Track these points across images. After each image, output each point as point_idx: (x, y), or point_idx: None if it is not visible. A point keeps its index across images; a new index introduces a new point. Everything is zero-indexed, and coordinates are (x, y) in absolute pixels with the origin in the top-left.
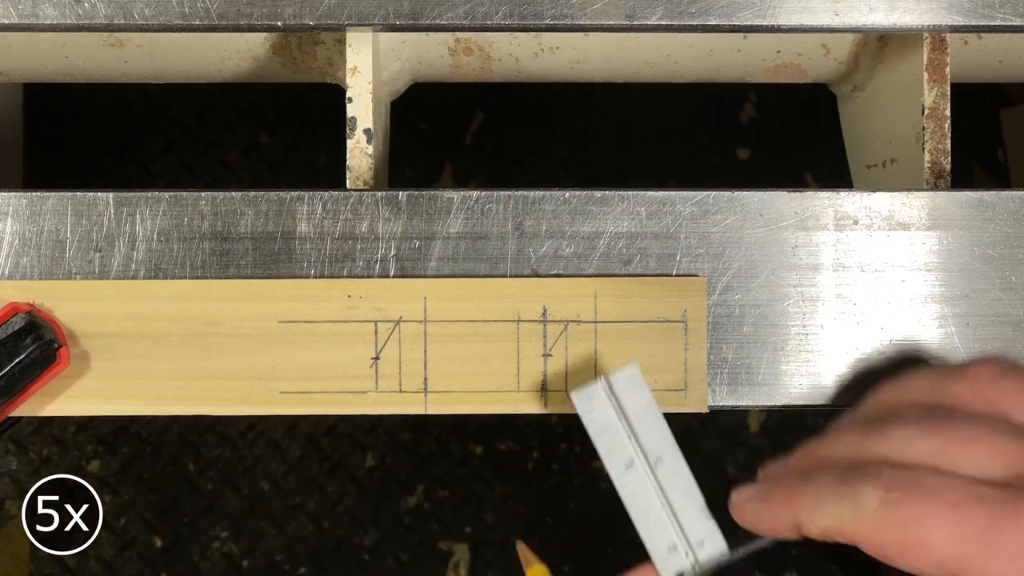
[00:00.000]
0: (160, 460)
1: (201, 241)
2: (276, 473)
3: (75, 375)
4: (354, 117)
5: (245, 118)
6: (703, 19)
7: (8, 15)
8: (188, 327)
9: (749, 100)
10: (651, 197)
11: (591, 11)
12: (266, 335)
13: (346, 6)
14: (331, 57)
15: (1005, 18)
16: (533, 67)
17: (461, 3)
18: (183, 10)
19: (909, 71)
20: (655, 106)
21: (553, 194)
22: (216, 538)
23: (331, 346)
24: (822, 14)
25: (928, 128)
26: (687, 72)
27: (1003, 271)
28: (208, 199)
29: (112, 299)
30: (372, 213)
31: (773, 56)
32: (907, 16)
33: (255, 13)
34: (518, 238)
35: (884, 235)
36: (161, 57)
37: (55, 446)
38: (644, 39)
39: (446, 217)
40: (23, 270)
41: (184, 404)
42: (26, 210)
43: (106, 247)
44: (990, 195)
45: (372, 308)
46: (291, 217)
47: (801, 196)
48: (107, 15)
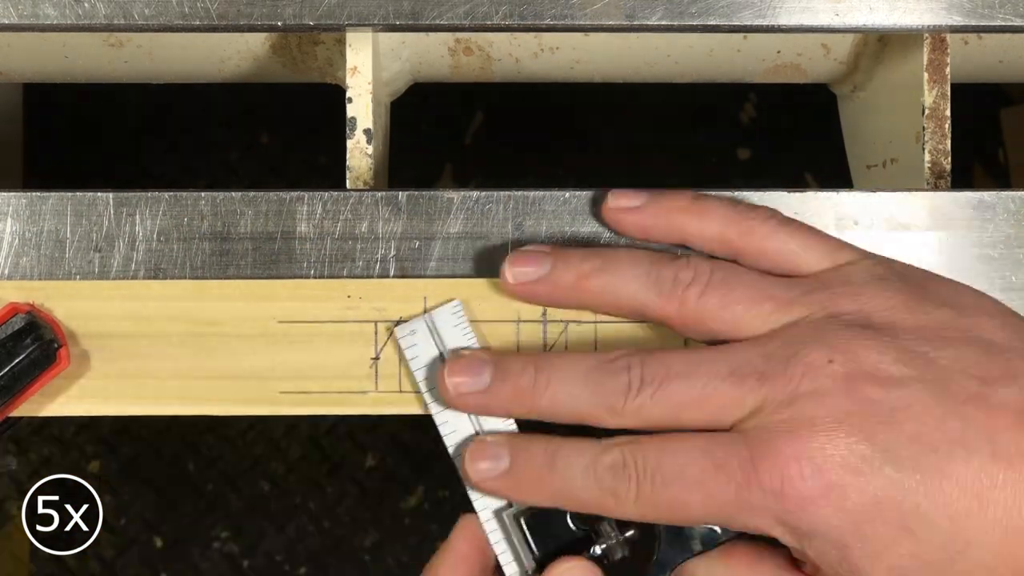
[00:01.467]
0: (160, 460)
1: (201, 241)
2: (276, 473)
3: (75, 375)
4: (354, 117)
5: (245, 118)
6: (703, 19)
7: (8, 15)
8: (188, 327)
9: (749, 100)
10: None
11: (591, 11)
12: (266, 335)
13: (346, 6)
14: (331, 57)
15: (1005, 18)
16: (533, 67)
17: (461, 3)
18: (183, 10)
19: (909, 71)
20: (655, 106)
21: (553, 194)
22: (216, 538)
23: (331, 346)
24: (822, 14)
25: (928, 128)
26: (687, 72)
27: (1003, 271)
28: (208, 199)
29: (112, 299)
30: (372, 213)
31: (773, 56)
32: (907, 16)
33: (255, 13)
34: (518, 238)
35: (884, 235)
36: (161, 57)
37: (55, 446)
38: (644, 39)
39: (446, 217)
40: (23, 270)
41: (184, 404)
42: (26, 210)
43: (106, 247)
44: (990, 195)
45: (372, 308)
46: (291, 217)
47: (801, 196)
48: (107, 15)
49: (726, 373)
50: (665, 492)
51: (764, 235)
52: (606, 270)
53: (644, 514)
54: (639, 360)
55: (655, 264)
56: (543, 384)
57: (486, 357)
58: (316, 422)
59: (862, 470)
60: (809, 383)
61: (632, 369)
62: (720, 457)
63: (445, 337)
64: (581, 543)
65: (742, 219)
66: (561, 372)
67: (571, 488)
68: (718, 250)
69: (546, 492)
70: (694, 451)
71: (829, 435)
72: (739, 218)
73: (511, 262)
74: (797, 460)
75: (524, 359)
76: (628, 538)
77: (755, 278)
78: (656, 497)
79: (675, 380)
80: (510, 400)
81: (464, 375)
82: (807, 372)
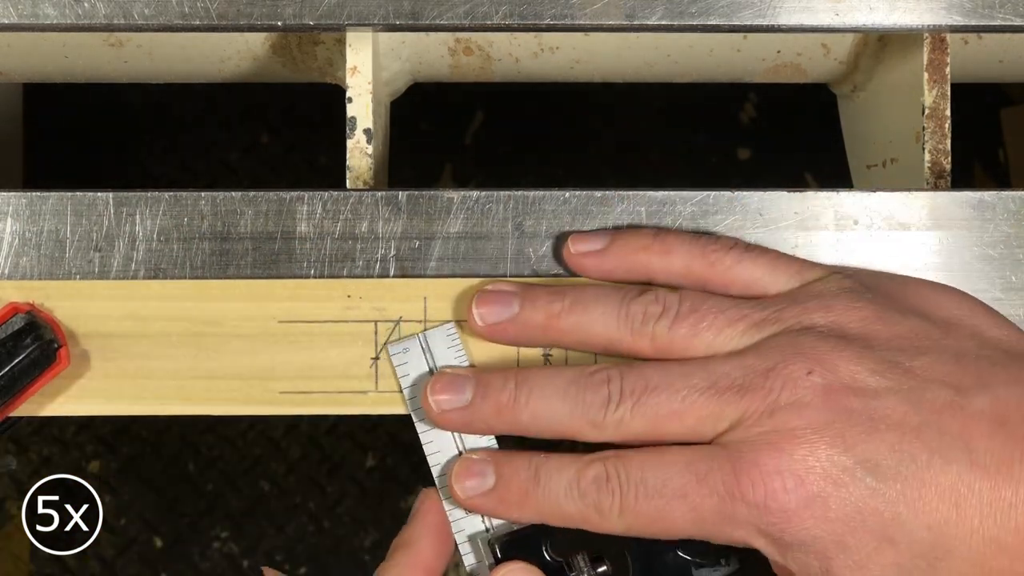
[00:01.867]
0: (160, 460)
1: (201, 241)
2: (276, 473)
3: (75, 375)
4: (354, 117)
5: (245, 118)
6: (703, 19)
7: (8, 15)
8: (188, 327)
9: (749, 100)
10: (651, 197)
11: (591, 11)
12: (266, 335)
13: (346, 6)
14: (331, 57)
15: (1005, 18)
16: (533, 67)
17: (461, 3)
18: (183, 10)
19: (909, 71)
20: (655, 106)
21: (553, 194)
22: (216, 538)
23: (331, 346)
24: (822, 14)
25: (928, 128)
26: (687, 72)
27: (1003, 271)
28: (208, 199)
29: (112, 299)
30: (372, 213)
31: (773, 56)
32: (907, 16)
33: (255, 13)
34: (518, 238)
35: (884, 235)
36: (161, 57)
37: (55, 446)
38: (644, 39)
39: (446, 217)
40: (23, 270)
41: (184, 404)
42: (26, 210)
43: (106, 247)
44: (990, 195)
45: (372, 308)
46: (291, 217)
47: (801, 196)
48: (107, 15)
49: (705, 386)
50: (648, 504)
51: (729, 265)
52: (575, 309)
53: (629, 527)
54: (618, 373)
55: (624, 300)
56: (523, 399)
57: (467, 374)
58: (316, 422)
59: (843, 481)
60: (789, 395)
61: (612, 382)
62: (703, 470)
63: (438, 357)
64: (554, 574)
65: (706, 252)
66: (541, 387)
67: (556, 502)
68: (685, 284)
69: (531, 508)
70: (677, 464)
71: (810, 446)
72: (703, 251)
73: (477, 304)
74: (779, 473)
75: (505, 375)
76: (601, 573)
77: (724, 303)
78: (639, 509)
79: (654, 393)
80: (491, 416)
81: (446, 392)
82: (786, 384)
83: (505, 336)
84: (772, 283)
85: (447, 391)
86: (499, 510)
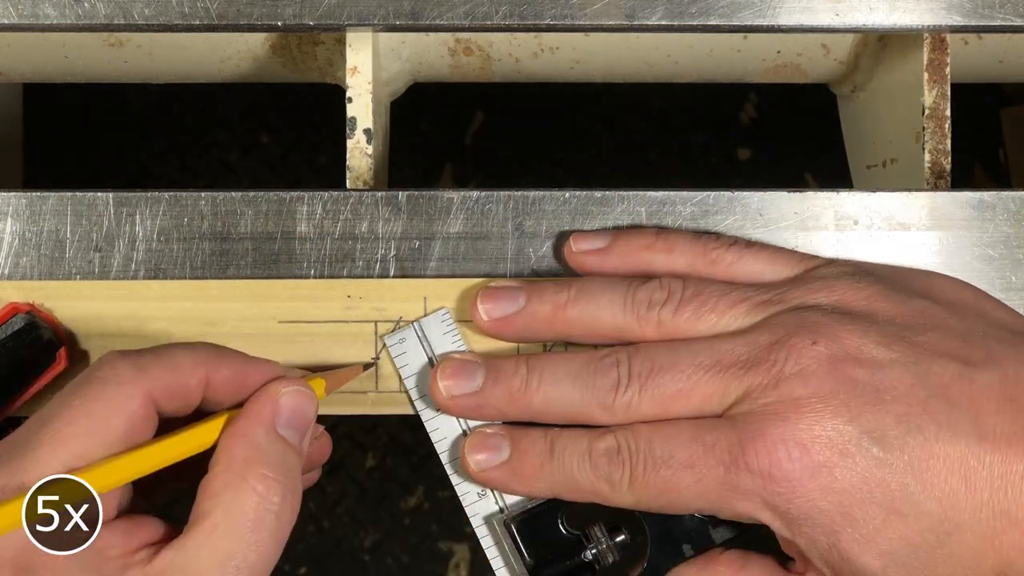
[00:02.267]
0: None
1: (201, 241)
2: None
3: (75, 375)
4: (354, 117)
5: (245, 118)
6: (703, 19)
7: (8, 15)
8: (188, 327)
9: (749, 100)
10: (651, 197)
11: (591, 11)
12: (266, 335)
13: (346, 6)
14: (331, 57)
15: (1005, 18)
16: (533, 67)
17: (461, 3)
18: (183, 10)
19: (909, 71)
20: (655, 106)
21: (553, 194)
22: None
23: (331, 346)
24: (822, 14)
25: (928, 128)
26: (687, 72)
27: (1003, 271)
28: (208, 199)
29: (112, 299)
30: (372, 213)
31: (773, 56)
32: (907, 16)
33: (255, 13)
34: (518, 238)
35: (884, 235)
36: (161, 57)
37: None
38: (644, 39)
39: (446, 217)
40: (23, 270)
41: None
42: (26, 210)
43: (106, 247)
44: (990, 195)
45: (372, 308)
46: (291, 217)
47: (801, 196)
48: (107, 15)
49: (710, 364)
50: (656, 475)
51: (731, 262)
52: (582, 299)
53: (638, 499)
54: (626, 356)
55: (630, 288)
56: (535, 384)
57: (477, 359)
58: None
59: (849, 450)
60: (793, 365)
61: (620, 365)
62: (709, 441)
63: (434, 344)
64: (572, 547)
65: (707, 250)
66: (552, 372)
67: (568, 475)
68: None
69: (545, 481)
70: (684, 435)
71: (815, 415)
72: (704, 249)
73: (482, 299)
74: (784, 441)
75: (515, 360)
76: (618, 543)
77: (727, 287)
78: (648, 480)
79: (660, 373)
80: (503, 401)
81: (456, 378)
82: (791, 354)
83: (511, 329)
84: (772, 274)
85: (457, 376)
86: (512, 483)
